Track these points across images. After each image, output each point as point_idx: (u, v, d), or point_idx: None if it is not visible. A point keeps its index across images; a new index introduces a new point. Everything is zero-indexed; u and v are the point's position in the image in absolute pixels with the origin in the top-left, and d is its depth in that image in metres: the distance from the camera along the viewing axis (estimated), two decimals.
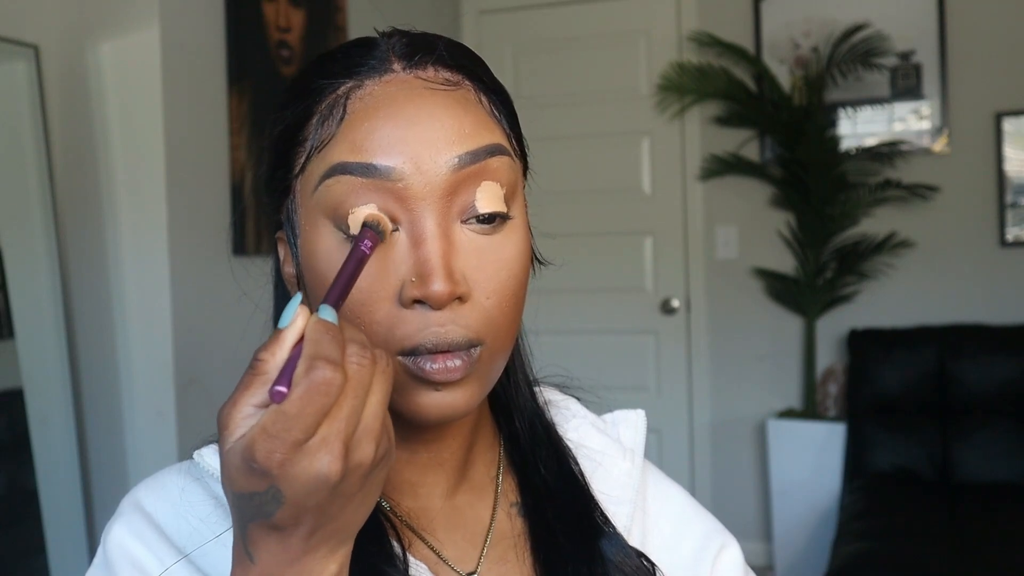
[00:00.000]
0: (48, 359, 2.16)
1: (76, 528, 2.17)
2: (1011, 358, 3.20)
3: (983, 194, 3.45)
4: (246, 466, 0.46)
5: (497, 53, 3.88)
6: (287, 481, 0.45)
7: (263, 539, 0.48)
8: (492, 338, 0.59)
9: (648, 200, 3.81)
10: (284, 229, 0.63)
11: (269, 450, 0.45)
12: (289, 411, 0.45)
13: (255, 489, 0.46)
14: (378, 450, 0.47)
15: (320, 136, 0.58)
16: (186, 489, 0.63)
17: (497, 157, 0.59)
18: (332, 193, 0.57)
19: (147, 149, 2.24)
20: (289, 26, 2.74)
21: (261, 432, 0.45)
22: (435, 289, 0.55)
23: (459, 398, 0.58)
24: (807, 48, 3.59)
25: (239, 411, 0.46)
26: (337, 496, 0.47)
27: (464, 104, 0.59)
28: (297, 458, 0.45)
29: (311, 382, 0.45)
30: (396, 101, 0.58)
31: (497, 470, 0.70)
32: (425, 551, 0.64)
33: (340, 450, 0.45)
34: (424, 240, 0.56)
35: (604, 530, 0.67)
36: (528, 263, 0.62)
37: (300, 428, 0.45)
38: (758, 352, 3.69)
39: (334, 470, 0.45)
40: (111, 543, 0.61)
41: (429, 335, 0.56)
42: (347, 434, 0.46)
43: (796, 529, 3.39)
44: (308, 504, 0.46)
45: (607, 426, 0.76)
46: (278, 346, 0.47)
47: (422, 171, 0.56)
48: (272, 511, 0.46)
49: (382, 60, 0.60)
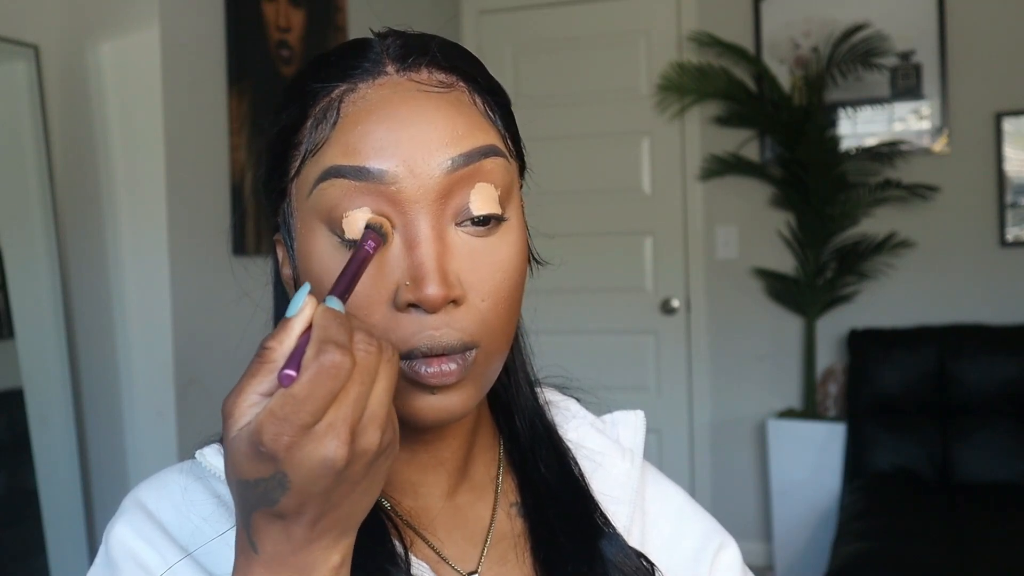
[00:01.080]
0: (48, 359, 2.16)
1: (76, 528, 2.17)
2: (1011, 358, 3.20)
3: (983, 194, 3.45)
4: (253, 451, 0.46)
5: (497, 53, 3.88)
6: (293, 465, 0.46)
7: (267, 528, 0.48)
8: (488, 340, 0.59)
9: (648, 200, 3.81)
10: (281, 232, 0.63)
11: (277, 433, 0.45)
12: (298, 394, 0.45)
13: (261, 475, 0.46)
14: (383, 438, 0.48)
15: (314, 139, 0.58)
16: (188, 488, 0.63)
17: (491, 159, 0.59)
18: (326, 197, 0.57)
19: (147, 149, 2.24)
20: (289, 26, 2.74)
21: (269, 415, 0.45)
22: (429, 293, 0.55)
23: (455, 401, 0.58)
24: (807, 48, 3.59)
25: (245, 399, 0.47)
26: (342, 483, 0.47)
27: (457, 106, 0.59)
28: (304, 442, 0.45)
29: (321, 365, 0.45)
30: (389, 104, 0.58)
31: (497, 470, 0.70)
32: (426, 551, 0.64)
33: (347, 435, 0.46)
34: (418, 243, 0.56)
35: (604, 530, 0.68)
36: (524, 264, 0.62)
37: (309, 411, 0.45)
38: (758, 352, 3.69)
39: (340, 455, 0.46)
40: (113, 541, 0.61)
41: (424, 339, 0.56)
42: (354, 420, 0.46)
43: (796, 529, 3.39)
44: (313, 490, 0.46)
45: (606, 427, 0.76)
46: (286, 334, 0.48)
47: (415, 174, 0.56)
48: (277, 498, 0.47)
49: (376, 63, 0.60)
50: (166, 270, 2.23)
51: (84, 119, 2.27)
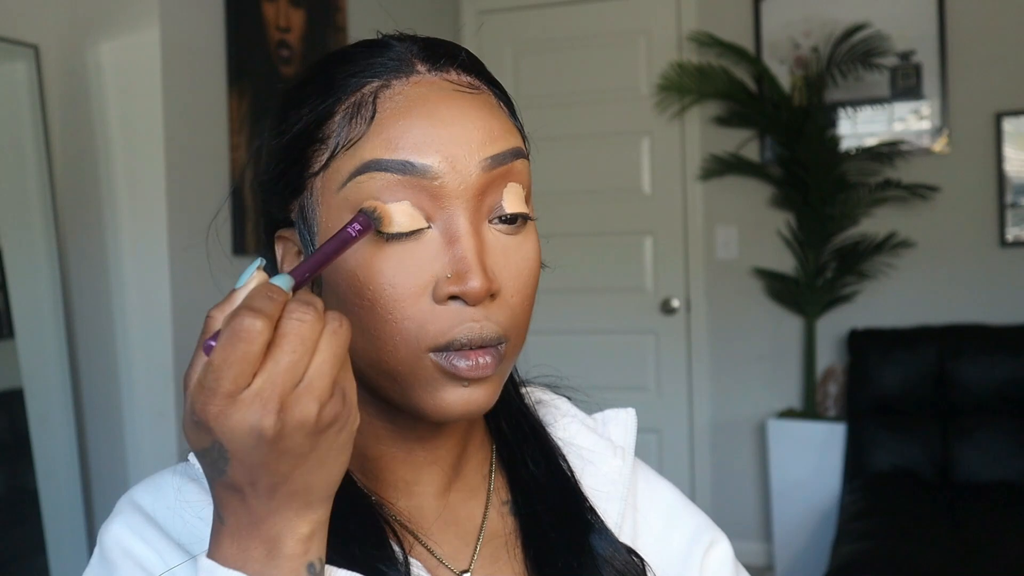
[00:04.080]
0: (48, 359, 2.16)
1: (76, 528, 2.17)
2: (1011, 358, 3.19)
3: (983, 194, 3.45)
4: (191, 421, 0.47)
5: (497, 53, 3.88)
6: (224, 434, 0.46)
7: (228, 500, 0.49)
8: (515, 336, 0.61)
9: (648, 200, 3.81)
10: (296, 227, 0.63)
11: (204, 402, 0.46)
12: (214, 360, 0.46)
13: (204, 445, 0.47)
14: (324, 410, 0.48)
15: (348, 134, 0.59)
16: (182, 489, 0.63)
17: (520, 160, 0.61)
18: (363, 189, 0.58)
19: (147, 149, 2.24)
20: (289, 26, 2.74)
21: (197, 386, 0.47)
22: (473, 285, 0.56)
23: (483, 394, 0.59)
24: (807, 48, 3.59)
25: (193, 372, 0.48)
26: (283, 454, 0.47)
27: (489, 107, 0.61)
28: (231, 410, 0.46)
29: (231, 329, 0.46)
30: (429, 101, 0.59)
31: (489, 468, 0.71)
32: (420, 549, 0.65)
33: (274, 404, 0.46)
34: (459, 237, 0.58)
35: (593, 526, 0.68)
36: (540, 263, 0.64)
37: (228, 378, 0.46)
38: (758, 352, 3.69)
39: (267, 424, 0.46)
40: (109, 542, 0.61)
41: (464, 330, 0.57)
42: (284, 388, 0.46)
43: (796, 529, 3.39)
44: (251, 461, 0.47)
45: (597, 424, 0.77)
46: (228, 305, 0.49)
47: (457, 170, 0.58)
48: (223, 468, 0.48)
49: (404, 62, 0.61)
50: (166, 270, 2.23)
51: (84, 119, 2.27)
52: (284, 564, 0.49)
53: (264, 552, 0.49)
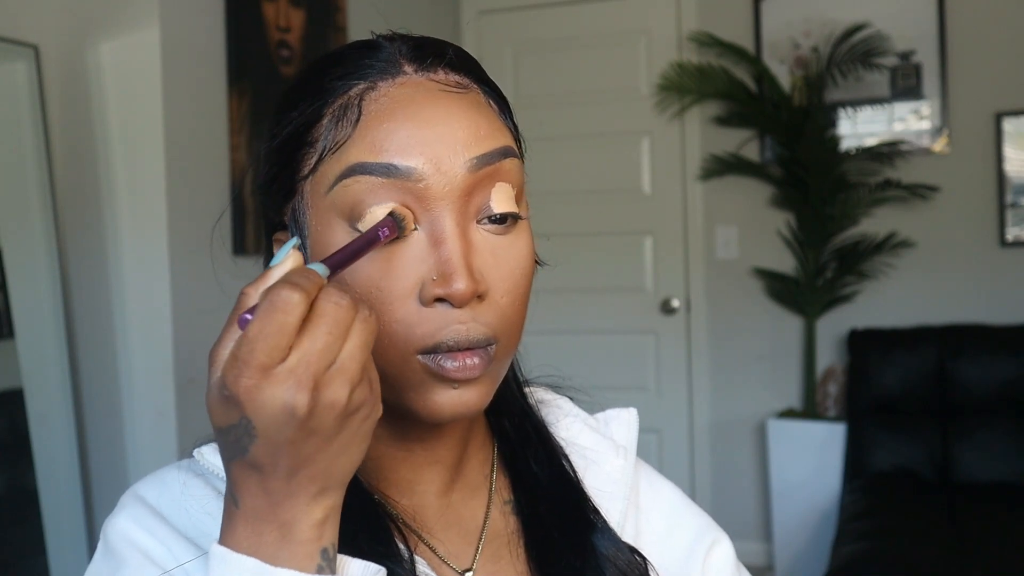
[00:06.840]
0: (48, 359, 2.16)
1: (76, 528, 2.17)
2: (1011, 358, 3.20)
3: (983, 194, 3.45)
4: (220, 395, 0.47)
5: (497, 53, 3.88)
6: (255, 410, 0.46)
7: (245, 481, 0.49)
8: (506, 336, 0.60)
9: (648, 200, 3.81)
10: (289, 230, 0.63)
11: (236, 375, 0.46)
12: (250, 333, 0.46)
13: (231, 422, 0.47)
14: (353, 395, 0.48)
15: (334, 137, 0.59)
16: (187, 484, 0.63)
17: (509, 159, 0.61)
18: (349, 193, 0.58)
19: (147, 149, 2.24)
20: (289, 26, 2.74)
21: (231, 358, 0.46)
22: (458, 287, 0.56)
23: (473, 396, 0.59)
24: (807, 48, 3.59)
25: (223, 347, 0.48)
26: (311, 435, 0.47)
27: (476, 107, 0.60)
28: (264, 385, 0.46)
29: (269, 301, 0.46)
30: (414, 102, 0.59)
31: (491, 468, 0.71)
32: (423, 548, 0.65)
33: (308, 382, 0.46)
34: (444, 239, 0.57)
35: (596, 525, 0.68)
36: (533, 263, 0.63)
37: (263, 350, 0.46)
38: (758, 352, 3.69)
39: (301, 401, 0.46)
40: (114, 535, 0.61)
41: (451, 332, 0.57)
42: (318, 368, 0.46)
43: (796, 529, 3.39)
44: (279, 439, 0.47)
45: (599, 424, 0.77)
46: (263, 282, 0.49)
47: (442, 171, 0.58)
48: (247, 445, 0.47)
49: (391, 62, 0.60)
50: (166, 270, 2.23)
51: (84, 119, 2.27)
52: (298, 549, 0.49)
53: (278, 536, 0.49)
